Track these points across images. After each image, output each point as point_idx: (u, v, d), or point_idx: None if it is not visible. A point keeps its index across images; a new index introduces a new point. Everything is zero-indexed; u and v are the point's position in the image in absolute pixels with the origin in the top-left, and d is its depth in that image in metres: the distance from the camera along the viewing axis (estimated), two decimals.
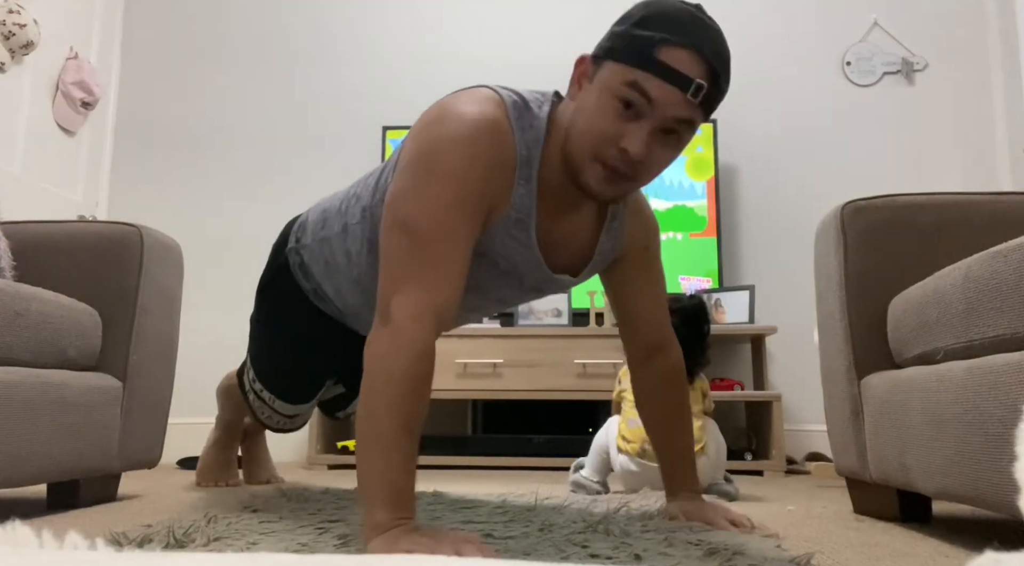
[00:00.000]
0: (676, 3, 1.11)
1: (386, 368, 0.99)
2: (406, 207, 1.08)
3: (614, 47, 1.10)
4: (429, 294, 1.03)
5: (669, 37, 1.06)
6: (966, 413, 1.08)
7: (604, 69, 1.11)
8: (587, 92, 1.12)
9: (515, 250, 1.21)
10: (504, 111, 1.14)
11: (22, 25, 2.79)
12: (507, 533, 1.17)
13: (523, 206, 1.17)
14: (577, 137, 1.12)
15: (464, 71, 3.48)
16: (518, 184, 1.15)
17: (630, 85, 1.06)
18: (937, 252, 1.43)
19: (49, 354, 1.55)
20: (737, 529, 1.27)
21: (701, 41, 1.08)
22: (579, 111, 1.13)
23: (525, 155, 1.15)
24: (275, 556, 0.59)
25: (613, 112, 1.08)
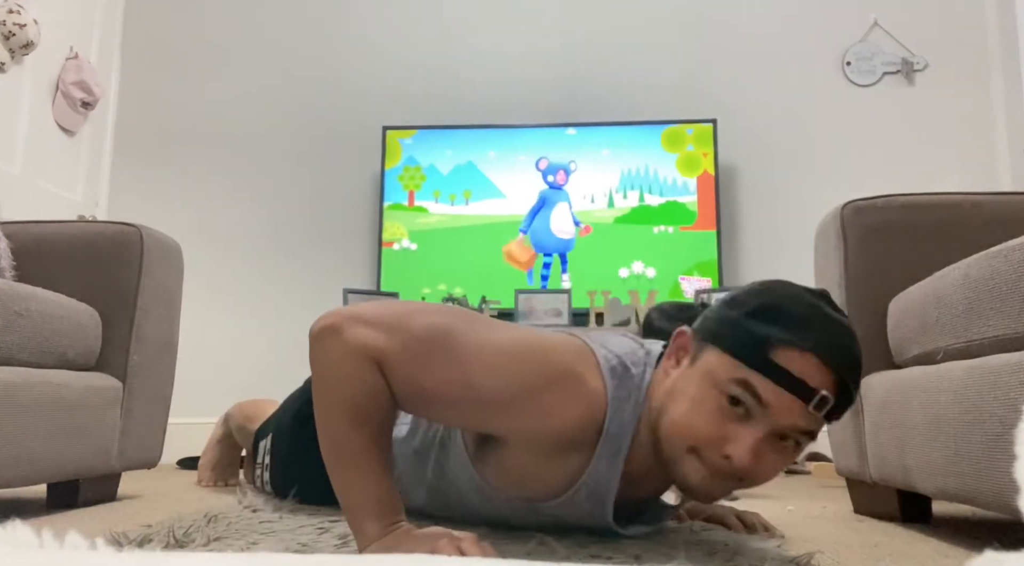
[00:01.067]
0: (798, 293, 0.97)
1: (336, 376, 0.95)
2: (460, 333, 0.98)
3: (721, 334, 0.97)
4: (402, 360, 0.95)
5: (788, 338, 0.92)
6: (966, 413, 1.08)
7: (707, 354, 0.97)
8: (686, 375, 0.98)
9: (579, 516, 1.10)
10: (601, 383, 1.00)
11: (22, 25, 2.79)
12: (507, 533, 1.17)
13: (602, 480, 1.04)
14: (670, 425, 0.97)
15: (464, 71, 3.49)
16: (600, 458, 1.02)
17: (739, 383, 0.92)
18: (937, 252, 1.43)
19: (49, 354, 1.55)
20: (746, 527, 1.27)
21: (827, 345, 0.92)
22: (675, 395, 0.98)
23: (615, 431, 1.01)
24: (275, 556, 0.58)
25: (717, 408, 0.94)
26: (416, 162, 3.19)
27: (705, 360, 0.97)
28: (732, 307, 0.98)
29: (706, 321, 1.01)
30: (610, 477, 1.03)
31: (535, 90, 3.44)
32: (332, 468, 0.97)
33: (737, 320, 0.96)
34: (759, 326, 0.94)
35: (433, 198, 3.14)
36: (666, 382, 1.01)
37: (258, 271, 3.39)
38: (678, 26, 3.43)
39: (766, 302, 0.96)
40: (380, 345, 0.96)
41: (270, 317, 3.32)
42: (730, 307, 0.99)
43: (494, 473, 1.11)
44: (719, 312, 1.00)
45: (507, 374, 0.97)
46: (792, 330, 0.93)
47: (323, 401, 0.97)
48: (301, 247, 3.41)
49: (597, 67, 3.44)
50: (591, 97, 3.41)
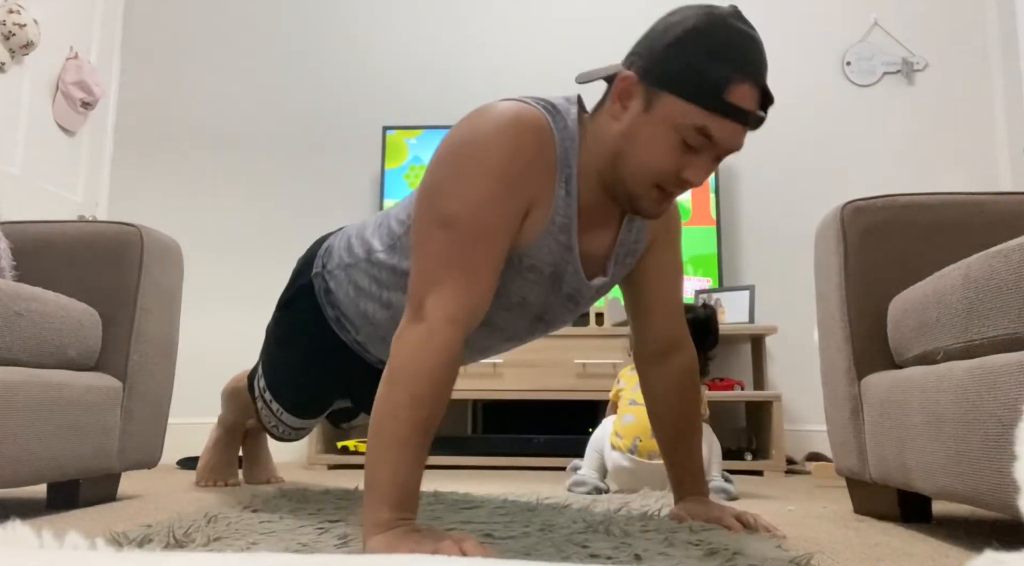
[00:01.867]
0: (729, 21, 1.08)
1: (415, 366, 0.99)
2: (447, 201, 1.06)
3: (676, 80, 1.07)
4: (466, 296, 1.03)
5: (737, 74, 1.05)
6: (966, 413, 1.08)
7: (663, 102, 1.08)
8: (641, 122, 1.10)
9: (559, 254, 1.18)
10: (540, 111, 1.12)
11: (22, 25, 2.79)
12: (507, 533, 1.17)
13: (565, 208, 1.15)
14: (634, 165, 1.11)
15: (464, 71, 3.49)
16: (559, 186, 1.13)
17: (699, 130, 1.06)
18: (937, 252, 1.43)
19: (49, 354, 1.55)
20: (746, 528, 1.27)
21: (760, 67, 1.08)
22: (631, 140, 1.11)
23: (563, 156, 1.13)
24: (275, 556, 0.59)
25: (676, 148, 1.08)
26: (421, 161, 3.24)
27: (662, 107, 1.08)
28: (680, 50, 1.06)
29: (654, 65, 1.09)
30: (569, 203, 1.14)
31: (536, 91, 3.43)
32: (375, 444, 0.98)
33: (691, 65, 1.06)
34: (713, 69, 1.05)
35: None
36: (617, 125, 1.12)
37: (258, 271, 3.39)
38: None
39: (712, 42, 1.06)
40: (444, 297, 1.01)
41: (270, 317, 3.31)
42: (678, 50, 1.07)
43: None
44: (666, 56, 1.07)
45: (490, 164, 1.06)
46: (738, 65, 1.06)
47: (395, 377, 1.00)
48: (301, 247, 3.39)
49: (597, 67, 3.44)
50: (591, 99, 3.40)
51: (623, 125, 1.12)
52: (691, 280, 3.10)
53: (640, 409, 2.03)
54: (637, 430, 2.00)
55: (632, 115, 1.11)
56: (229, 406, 2.06)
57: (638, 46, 1.14)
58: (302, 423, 1.70)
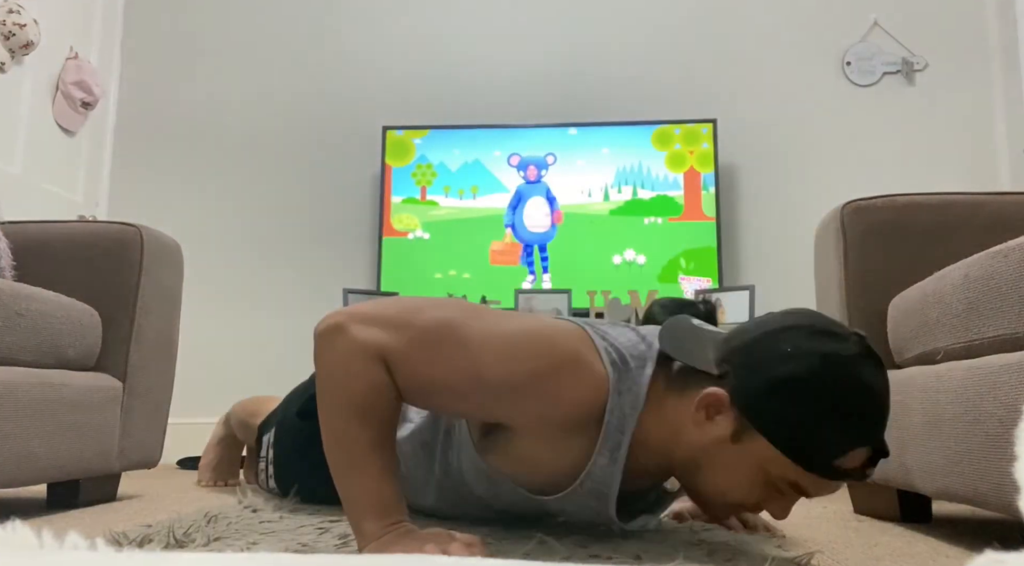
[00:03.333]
0: (855, 372, 0.93)
1: (343, 393, 0.95)
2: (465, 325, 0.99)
3: (778, 432, 0.94)
4: (403, 359, 0.96)
5: (856, 444, 0.93)
6: (966, 413, 1.08)
7: (758, 443, 0.95)
8: (727, 448, 0.97)
9: (582, 513, 1.11)
10: (605, 370, 1.00)
11: (22, 25, 2.79)
12: (507, 533, 1.17)
13: (603, 478, 1.03)
14: (710, 487, 1.01)
15: (464, 71, 3.49)
16: (600, 453, 1.02)
17: (791, 484, 0.96)
18: (937, 252, 1.43)
19: (49, 354, 1.55)
20: (747, 528, 1.27)
21: (881, 428, 0.95)
22: (711, 460, 0.99)
23: (616, 423, 1.00)
24: (275, 556, 0.58)
25: (761, 486, 0.98)
26: (427, 160, 3.30)
27: (756, 448, 0.95)
28: (789, 401, 0.93)
29: (751, 400, 0.95)
30: (611, 472, 1.03)
31: (538, 91, 3.44)
32: (335, 467, 0.96)
33: (801, 425, 0.92)
34: (827, 437, 0.92)
35: (443, 193, 3.27)
36: (697, 434, 0.99)
37: (258, 271, 3.39)
38: (678, 27, 3.43)
39: (831, 403, 0.92)
40: (387, 343, 0.96)
41: (270, 317, 3.32)
42: (787, 400, 0.93)
43: (499, 462, 1.11)
44: (771, 398, 0.94)
45: (514, 360, 0.98)
46: (861, 435, 0.93)
47: (327, 399, 0.97)
48: (301, 247, 3.41)
49: (598, 68, 3.44)
50: (592, 98, 3.41)
51: (704, 440, 0.99)
52: (691, 280, 3.11)
53: None
54: None
55: (717, 434, 0.98)
56: (237, 431, 2.03)
57: (736, 355, 0.99)
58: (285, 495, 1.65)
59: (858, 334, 0.97)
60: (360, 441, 0.94)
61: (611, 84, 3.42)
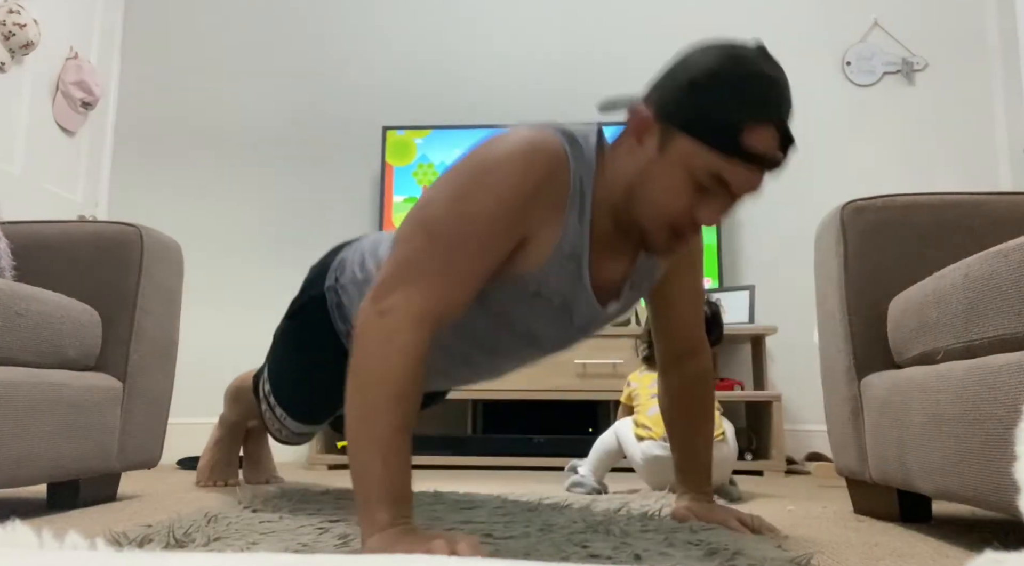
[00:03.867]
0: (752, 59, 1.05)
1: (381, 369, 0.97)
2: (437, 209, 1.05)
3: (691, 121, 1.04)
4: (435, 300, 1.00)
5: (754, 118, 1.03)
6: (966, 413, 1.08)
7: (678, 143, 1.05)
8: (655, 162, 1.08)
9: (568, 284, 1.16)
10: (558, 139, 1.09)
11: (22, 25, 2.79)
12: (507, 533, 1.17)
13: (576, 239, 1.12)
14: (647, 206, 1.10)
15: (464, 70, 3.49)
16: (570, 214, 1.11)
17: (712, 175, 1.05)
18: (937, 252, 1.43)
19: (49, 354, 1.55)
20: (747, 530, 1.27)
21: (781, 110, 1.05)
22: (645, 179, 1.09)
23: (578, 187, 1.10)
24: (275, 556, 0.59)
25: (689, 190, 1.06)
26: (428, 160, 3.32)
27: (677, 149, 1.06)
28: (697, 91, 1.04)
29: (670, 104, 1.06)
30: (581, 232, 1.12)
31: (538, 91, 3.44)
32: (356, 446, 0.96)
33: (705, 106, 1.03)
34: (729, 112, 1.03)
35: None
36: (632, 161, 1.10)
37: (258, 271, 3.39)
38: (678, 27, 3.43)
39: (730, 83, 1.03)
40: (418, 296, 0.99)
41: (270, 316, 3.30)
42: (695, 91, 1.04)
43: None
44: (683, 96, 1.05)
45: (500, 176, 1.04)
46: (756, 108, 1.03)
47: (363, 380, 0.98)
48: (301, 247, 3.40)
49: (598, 69, 3.44)
50: (593, 98, 3.41)
51: (638, 163, 1.10)
52: None
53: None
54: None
55: (647, 154, 1.09)
56: (232, 406, 2.06)
57: (658, 81, 1.11)
58: (306, 428, 1.69)
59: (759, 43, 1.09)
60: (389, 421, 0.95)
61: (611, 84, 3.41)
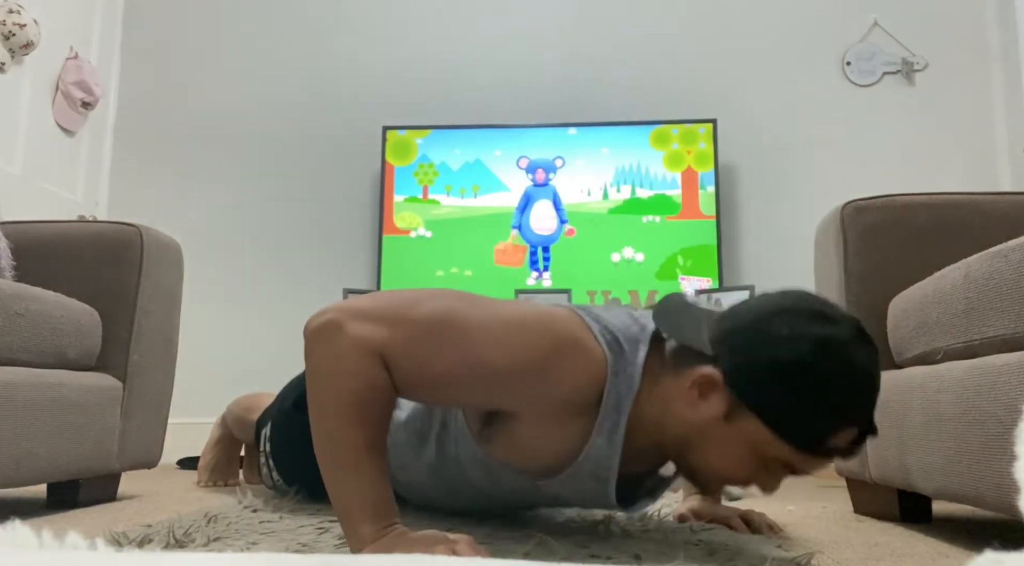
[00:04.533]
0: (849, 355, 0.94)
1: (333, 392, 0.93)
2: (466, 321, 0.98)
3: (770, 413, 0.95)
4: (404, 364, 0.95)
5: (847, 424, 0.95)
6: (966, 413, 1.08)
7: (750, 423, 0.96)
8: (719, 427, 0.98)
9: (582, 498, 1.12)
10: (602, 350, 1.00)
11: (22, 25, 2.79)
12: (507, 533, 1.17)
13: (601, 459, 1.04)
14: (705, 465, 1.02)
15: (465, 70, 3.49)
16: (598, 434, 1.02)
17: (782, 463, 0.98)
18: (937, 252, 1.43)
19: (49, 354, 1.55)
20: (750, 529, 1.27)
21: (871, 409, 0.97)
22: (704, 438, 1.00)
23: (613, 404, 1.01)
24: (275, 556, 0.58)
25: (751, 464, 0.99)
26: (429, 159, 3.32)
27: (747, 428, 0.96)
28: (782, 383, 0.94)
29: (744, 382, 0.96)
30: (610, 453, 1.03)
31: (538, 92, 3.44)
32: (327, 468, 0.95)
33: (794, 407, 0.94)
34: (819, 418, 0.94)
35: (445, 192, 3.30)
36: (689, 413, 1.00)
37: (258, 271, 3.39)
38: (678, 27, 3.43)
39: (824, 386, 0.93)
40: (384, 338, 0.95)
41: (270, 316, 3.32)
42: (780, 381, 0.94)
43: (497, 450, 1.11)
44: (764, 379, 0.95)
45: (516, 346, 0.98)
46: (850, 416, 0.95)
47: (319, 398, 0.95)
48: (301, 247, 3.41)
49: (598, 69, 3.44)
50: (593, 98, 3.41)
51: (697, 418, 0.99)
52: (691, 280, 3.11)
53: None
54: None
55: (710, 414, 0.98)
56: (234, 428, 2.03)
57: (730, 337, 0.99)
58: (291, 489, 1.64)
59: (853, 318, 0.99)
60: (354, 443, 0.92)
61: (611, 84, 3.42)
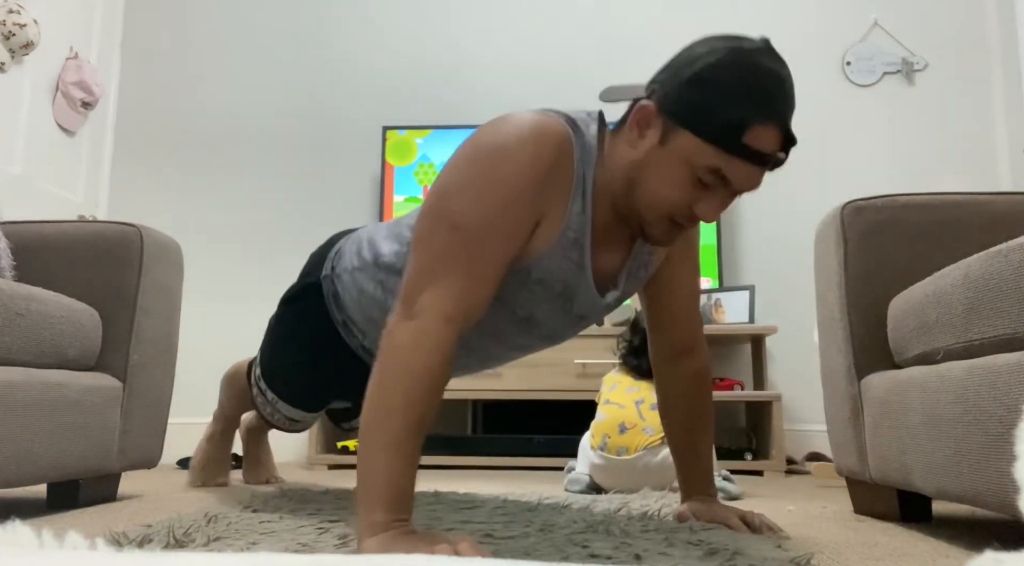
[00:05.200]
0: (756, 58, 1.06)
1: (408, 366, 0.97)
2: (457, 202, 1.05)
3: (693, 118, 1.05)
4: (463, 297, 1.01)
5: (758, 116, 1.03)
6: (966, 413, 1.08)
7: (680, 138, 1.06)
8: (656, 154, 1.09)
9: (570, 271, 1.17)
10: (563, 125, 1.11)
11: (22, 25, 2.79)
12: (507, 533, 1.17)
13: (579, 225, 1.13)
14: (646, 197, 1.11)
15: (465, 70, 3.49)
16: (573, 202, 1.12)
17: (713, 170, 1.06)
18: (937, 252, 1.43)
19: (49, 354, 1.55)
20: (750, 528, 1.27)
21: (785, 109, 1.06)
22: (645, 170, 1.10)
23: (581, 173, 1.12)
24: (275, 556, 0.59)
25: (689, 184, 1.07)
26: (429, 160, 3.32)
27: (678, 144, 1.06)
28: (700, 87, 1.04)
29: (672, 99, 1.07)
30: (584, 219, 1.13)
31: (538, 91, 3.44)
32: (367, 445, 0.96)
33: (709, 105, 1.04)
34: (732, 110, 1.03)
35: None
36: (632, 152, 1.11)
37: (258, 271, 3.39)
38: (678, 27, 3.43)
39: (735, 81, 1.03)
40: (444, 296, 1.00)
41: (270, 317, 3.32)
42: (698, 86, 1.04)
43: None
44: (687, 91, 1.05)
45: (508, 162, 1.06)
46: (760, 107, 1.04)
47: (386, 377, 0.98)
48: (301, 247, 3.40)
49: (598, 69, 3.44)
50: (593, 98, 3.41)
51: (638, 154, 1.11)
52: None
53: (611, 408, 2.05)
54: (606, 427, 2.02)
55: (648, 145, 1.10)
56: (227, 393, 2.03)
57: (662, 73, 1.12)
58: (299, 414, 1.68)
59: (765, 38, 1.09)
60: (403, 422, 0.95)
61: (611, 84, 3.42)
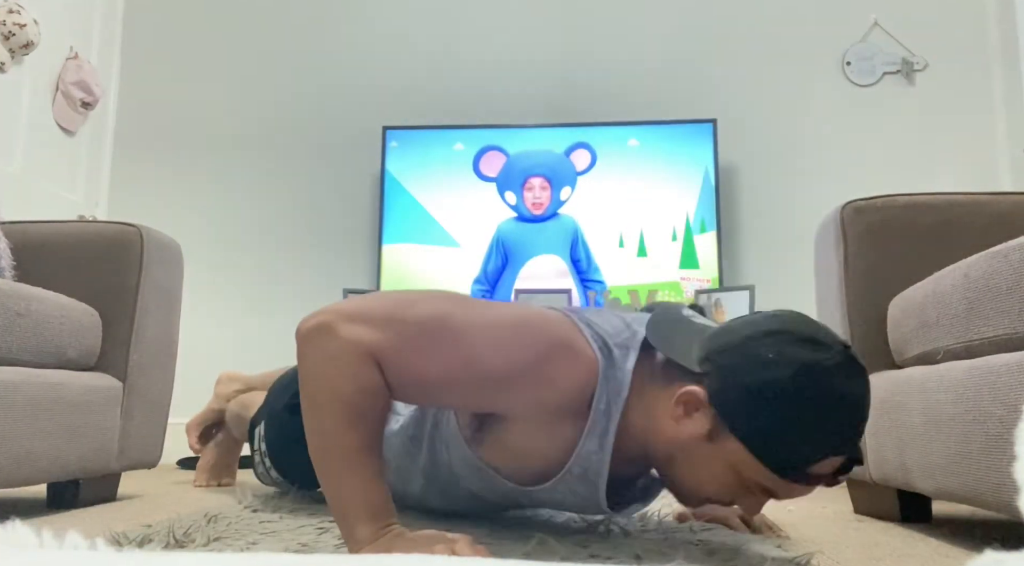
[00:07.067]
0: (835, 383, 0.92)
1: (329, 392, 0.93)
2: (461, 322, 0.98)
3: (755, 443, 0.93)
4: (400, 371, 0.95)
5: (830, 452, 0.93)
6: (966, 413, 1.08)
7: (732, 445, 0.95)
8: (703, 449, 0.97)
9: (573, 502, 1.12)
10: (594, 355, 1.01)
11: (22, 25, 2.79)
12: (507, 533, 1.17)
13: (592, 464, 1.04)
14: (687, 481, 1.02)
15: (464, 71, 3.48)
16: (588, 438, 1.02)
17: (764, 490, 0.97)
18: (937, 252, 1.43)
19: (49, 354, 1.55)
20: (750, 528, 1.27)
21: (856, 439, 0.95)
22: (687, 456, 0.99)
23: (603, 409, 1.01)
24: (275, 556, 0.59)
25: (735, 486, 0.98)
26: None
27: (729, 450, 0.95)
28: (766, 409, 0.92)
29: (729, 406, 0.94)
30: (600, 458, 1.03)
31: (538, 92, 3.44)
32: (322, 470, 0.94)
33: (776, 434, 0.92)
34: (802, 447, 0.92)
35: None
36: (673, 428, 0.99)
37: (258, 271, 3.39)
38: (678, 27, 3.43)
39: (809, 415, 0.91)
40: (377, 340, 0.95)
41: (270, 317, 3.32)
42: (763, 408, 0.92)
43: (490, 454, 1.11)
44: (747, 404, 0.93)
45: (510, 348, 0.98)
46: (835, 443, 0.93)
47: (314, 401, 0.95)
48: (301, 247, 3.41)
49: (598, 69, 3.44)
50: (592, 98, 3.41)
51: (680, 435, 0.99)
52: (691, 280, 3.11)
53: None
54: None
55: (693, 432, 0.98)
56: (232, 425, 2.02)
57: (717, 353, 0.97)
58: (288, 485, 1.64)
59: (843, 344, 0.96)
60: (350, 444, 0.92)
61: (611, 84, 3.42)
